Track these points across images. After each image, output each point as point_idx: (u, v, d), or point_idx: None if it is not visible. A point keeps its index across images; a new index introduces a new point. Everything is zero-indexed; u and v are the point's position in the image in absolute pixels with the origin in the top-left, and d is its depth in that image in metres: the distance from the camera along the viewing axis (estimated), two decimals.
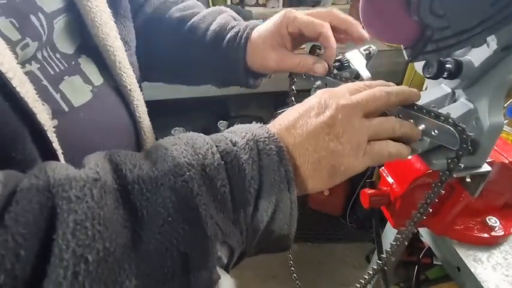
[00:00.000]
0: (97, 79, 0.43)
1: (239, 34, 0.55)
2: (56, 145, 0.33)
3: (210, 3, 1.61)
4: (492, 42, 0.43)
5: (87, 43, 0.42)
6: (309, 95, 0.54)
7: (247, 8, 1.66)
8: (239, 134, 0.33)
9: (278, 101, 2.02)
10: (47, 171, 0.25)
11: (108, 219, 0.25)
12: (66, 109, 0.38)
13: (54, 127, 0.34)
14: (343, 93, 0.36)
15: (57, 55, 0.39)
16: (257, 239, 0.32)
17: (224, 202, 0.29)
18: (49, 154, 0.33)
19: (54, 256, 0.23)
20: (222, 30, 0.57)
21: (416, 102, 0.42)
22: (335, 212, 1.84)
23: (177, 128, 1.83)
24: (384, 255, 0.55)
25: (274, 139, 0.32)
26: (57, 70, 0.38)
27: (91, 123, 0.41)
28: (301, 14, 0.51)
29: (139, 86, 0.50)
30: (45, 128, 0.31)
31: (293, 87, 0.60)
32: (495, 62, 0.45)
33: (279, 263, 1.67)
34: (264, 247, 0.34)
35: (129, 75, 0.46)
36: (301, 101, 0.39)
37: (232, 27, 0.57)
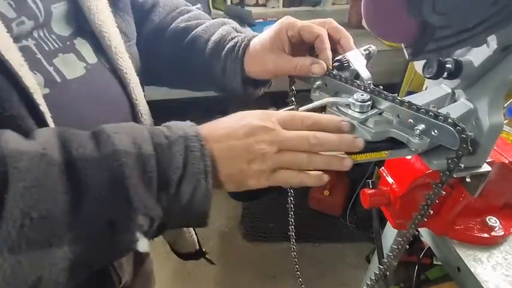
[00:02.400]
0: (91, 58, 0.47)
1: (237, 44, 0.57)
2: (44, 108, 0.38)
3: (210, 4, 1.61)
4: (492, 42, 0.43)
5: (83, 28, 0.47)
6: (309, 95, 0.54)
7: (247, 8, 1.66)
8: (174, 130, 0.39)
9: (278, 101, 2.02)
10: (0, 143, 0.30)
11: (51, 188, 0.31)
12: (59, 80, 0.42)
13: (44, 94, 0.39)
14: (273, 126, 0.41)
15: (53, 36, 0.43)
16: (180, 212, 0.38)
17: (150, 184, 0.35)
18: (37, 115, 0.37)
19: (5, 211, 0.29)
20: (222, 41, 0.59)
21: (416, 103, 0.42)
22: (335, 212, 1.84)
23: None
24: (385, 260, 0.55)
25: (200, 138, 0.38)
26: (52, 48, 0.43)
27: (83, 96, 0.45)
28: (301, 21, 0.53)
29: (139, 77, 0.53)
30: (31, 91, 0.36)
31: (293, 87, 0.60)
32: (495, 62, 0.45)
33: (279, 263, 1.67)
34: (187, 219, 0.41)
35: (125, 60, 0.50)
36: (301, 101, 0.40)
37: (232, 38, 0.58)
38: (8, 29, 0.35)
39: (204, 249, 0.76)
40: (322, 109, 0.51)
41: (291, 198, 0.71)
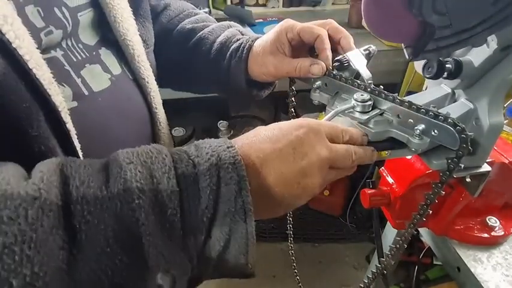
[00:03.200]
0: (115, 69, 0.46)
1: (241, 46, 0.57)
2: (70, 126, 0.35)
3: (210, 4, 1.61)
4: (492, 42, 0.43)
5: (108, 37, 0.46)
6: (309, 95, 0.54)
7: (247, 8, 1.66)
8: (204, 155, 0.31)
9: (278, 101, 2.02)
10: None
11: (41, 242, 0.24)
12: (86, 93, 0.41)
13: (70, 109, 0.36)
14: (322, 139, 0.36)
15: (80, 45, 0.42)
16: (212, 265, 0.31)
17: (173, 230, 0.28)
18: (62, 134, 0.34)
19: None
20: (227, 42, 0.59)
21: (417, 103, 0.42)
22: (335, 212, 1.84)
23: (177, 128, 1.83)
24: (383, 259, 0.56)
25: (239, 166, 0.30)
26: (79, 58, 0.42)
27: (108, 109, 0.43)
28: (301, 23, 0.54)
29: (156, 81, 0.53)
30: (59, 110, 0.33)
31: (293, 87, 0.60)
32: (495, 62, 0.45)
33: (279, 263, 1.67)
34: (223, 273, 0.33)
35: (146, 68, 0.49)
36: (301, 101, 0.39)
37: (237, 40, 0.59)
38: (37, 40, 0.33)
39: None
40: (321, 108, 0.51)
41: None
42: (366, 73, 0.49)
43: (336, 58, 0.52)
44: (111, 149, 0.34)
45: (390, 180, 0.63)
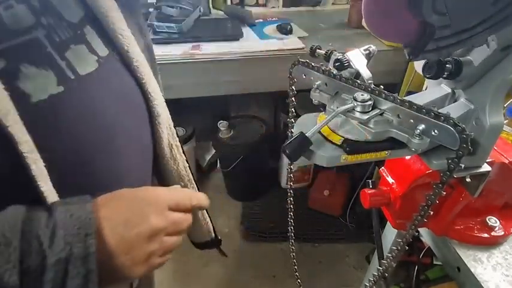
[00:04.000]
0: (102, 50, 0.44)
1: None
2: (38, 172, 0.34)
3: (210, 4, 1.61)
4: (492, 42, 0.43)
5: (90, 14, 0.43)
6: (309, 95, 0.54)
7: (247, 8, 1.66)
8: (56, 246, 0.30)
9: (278, 101, 2.02)
10: None
11: None
12: (72, 76, 0.39)
13: (56, 94, 0.36)
14: (165, 224, 0.40)
15: (64, 23, 0.39)
16: None
17: None
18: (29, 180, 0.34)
19: None
20: None
21: (417, 103, 0.42)
22: (335, 212, 1.84)
23: (177, 127, 1.83)
24: (384, 261, 0.55)
25: (90, 260, 0.31)
26: (63, 38, 0.39)
27: (97, 93, 0.42)
28: None
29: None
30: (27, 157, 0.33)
31: (293, 87, 0.60)
32: (495, 62, 0.45)
33: (279, 263, 1.67)
34: None
35: (135, 52, 0.47)
36: (301, 101, 0.39)
37: None
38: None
39: (219, 237, 0.76)
40: (323, 108, 0.51)
41: (291, 199, 0.71)
42: (366, 73, 0.49)
43: (336, 58, 0.52)
44: (109, 136, 0.35)
45: (390, 180, 0.63)
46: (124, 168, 0.47)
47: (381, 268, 0.56)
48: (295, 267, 0.79)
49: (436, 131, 0.40)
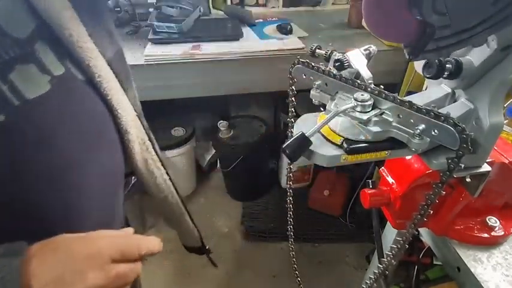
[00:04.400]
0: (57, 68, 0.39)
1: None
2: None
3: (210, 4, 1.61)
4: (492, 42, 0.43)
5: (42, 26, 0.38)
6: (309, 95, 0.54)
7: (247, 8, 1.66)
8: None
9: (278, 101, 2.02)
10: None
11: None
12: (16, 103, 0.34)
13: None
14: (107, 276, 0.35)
15: (7, 40, 0.34)
16: None
17: None
18: None
19: None
20: None
21: (417, 103, 0.42)
22: (335, 212, 1.84)
23: (177, 127, 1.83)
24: (384, 259, 0.55)
25: None
26: (6, 58, 0.34)
27: (49, 117, 0.37)
28: None
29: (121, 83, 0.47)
30: None
31: (293, 87, 0.60)
32: (495, 62, 0.45)
33: (279, 263, 1.67)
34: None
35: (97, 66, 0.42)
36: (301, 101, 0.39)
37: None
38: None
39: (208, 247, 0.76)
40: (323, 108, 0.51)
41: (290, 198, 0.71)
42: (366, 73, 0.49)
43: (337, 58, 0.52)
44: (61, 168, 0.31)
45: (390, 180, 0.63)
46: (83, 203, 0.43)
47: (381, 266, 0.56)
48: (295, 267, 0.79)
49: (436, 131, 0.40)
